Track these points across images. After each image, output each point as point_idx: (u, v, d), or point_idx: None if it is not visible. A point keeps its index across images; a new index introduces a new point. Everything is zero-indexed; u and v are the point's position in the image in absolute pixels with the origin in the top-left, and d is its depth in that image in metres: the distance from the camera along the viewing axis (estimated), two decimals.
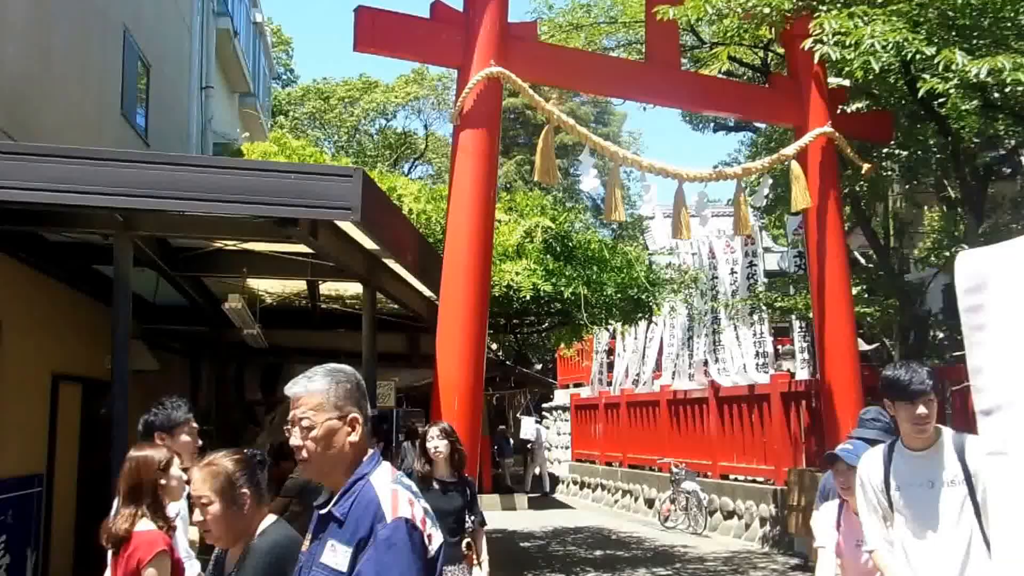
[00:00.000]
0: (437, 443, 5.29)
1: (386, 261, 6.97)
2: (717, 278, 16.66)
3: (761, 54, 11.89)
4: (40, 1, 7.92)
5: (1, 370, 6.46)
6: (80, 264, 7.57)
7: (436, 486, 5.22)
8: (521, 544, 13.29)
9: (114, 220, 5.63)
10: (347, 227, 5.72)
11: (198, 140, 13.47)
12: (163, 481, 3.51)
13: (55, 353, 7.60)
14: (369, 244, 6.30)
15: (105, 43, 9.62)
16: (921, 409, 3.41)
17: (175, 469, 3.59)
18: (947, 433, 3.50)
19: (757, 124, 13.09)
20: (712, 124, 14.61)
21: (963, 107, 7.18)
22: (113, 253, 5.77)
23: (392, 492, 2.22)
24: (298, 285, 8.77)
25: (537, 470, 20.94)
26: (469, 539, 5.27)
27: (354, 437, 2.30)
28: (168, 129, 12.06)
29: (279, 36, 32.04)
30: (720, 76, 10.42)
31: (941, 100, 8.19)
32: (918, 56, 6.87)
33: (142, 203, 5.19)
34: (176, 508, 3.67)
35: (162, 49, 11.80)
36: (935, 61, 6.77)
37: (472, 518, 5.29)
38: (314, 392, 2.32)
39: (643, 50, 9.59)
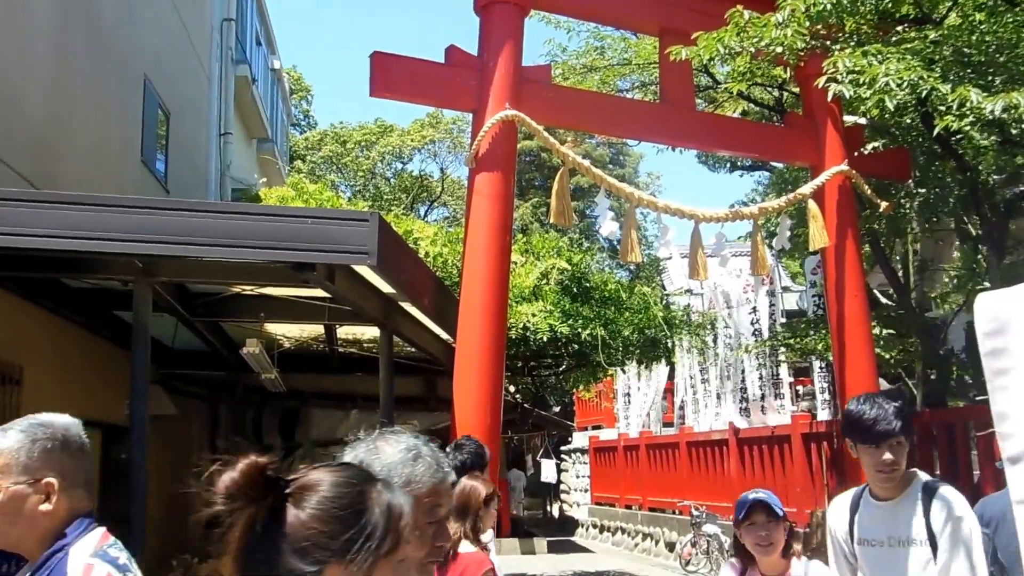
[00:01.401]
0: None
1: (403, 304, 6.97)
2: (733, 319, 16.57)
3: (776, 93, 11.94)
4: (63, 51, 8.07)
5: (22, 415, 6.47)
6: (100, 310, 7.62)
7: None
8: None
9: (134, 266, 5.67)
10: (364, 271, 5.73)
11: (217, 186, 13.62)
12: (481, 512, 4.08)
13: (75, 398, 7.61)
14: (386, 288, 6.31)
15: (126, 91, 9.78)
16: (887, 455, 2.90)
17: (493, 505, 4.23)
18: (920, 482, 2.99)
19: (774, 164, 13.09)
20: (728, 164, 14.64)
21: (981, 144, 7.16)
22: (132, 299, 5.81)
23: (86, 567, 1.95)
24: (315, 329, 8.78)
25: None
26: None
27: (46, 506, 1.97)
28: (187, 175, 12.20)
29: (298, 83, 32.53)
30: (735, 116, 10.46)
31: (958, 137, 8.18)
32: (933, 94, 6.87)
33: (161, 249, 5.24)
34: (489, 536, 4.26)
35: (182, 96, 11.99)
36: (949, 99, 6.77)
37: None
38: (2, 451, 1.96)
39: (657, 91, 9.65)
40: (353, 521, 1.14)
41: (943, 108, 7.09)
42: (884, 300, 12.29)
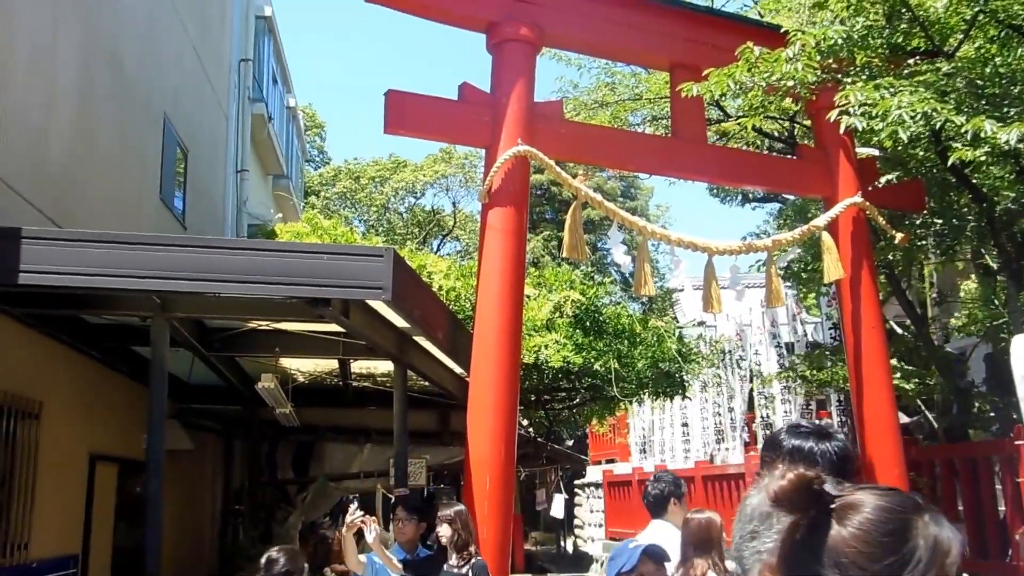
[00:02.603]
0: (441, 527, 5.50)
1: (417, 339, 7.00)
2: (752, 353, 16.50)
3: (787, 125, 11.99)
4: (87, 92, 8.22)
5: (41, 450, 6.51)
6: (118, 345, 7.68)
7: (443, 567, 5.42)
8: None
9: (152, 302, 5.74)
10: (378, 306, 5.78)
11: (233, 222, 13.75)
12: (719, 542, 4.34)
13: (93, 433, 7.66)
14: (400, 322, 6.35)
15: (146, 130, 9.93)
16: None
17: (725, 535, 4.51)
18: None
19: (786, 196, 13.11)
20: (739, 196, 14.67)
21: (997, 174, 7.15)
22: (150, 334, 5.86)
23: None
24: (330, 363, 8.81)
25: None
26: None
27: None
28: (205, 211, 12.34)
29: (313, 120, 32.90)
30: (747, 149, 10.50)
31: (973, 168, 8.17)
32: (947, 125, 6.88)
33: (179, 286, 5.30)
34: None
35: (199, 134, 12.16)
36: (964, 130, 6.78)
37: None
38: None
39: (668, 125, 9.71)
40: (895, 548, 1.15)
41: (957, 139, 7.10)
42: (901, 331, 12.22)
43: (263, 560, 4.01)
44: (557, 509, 20.05)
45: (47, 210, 7.07)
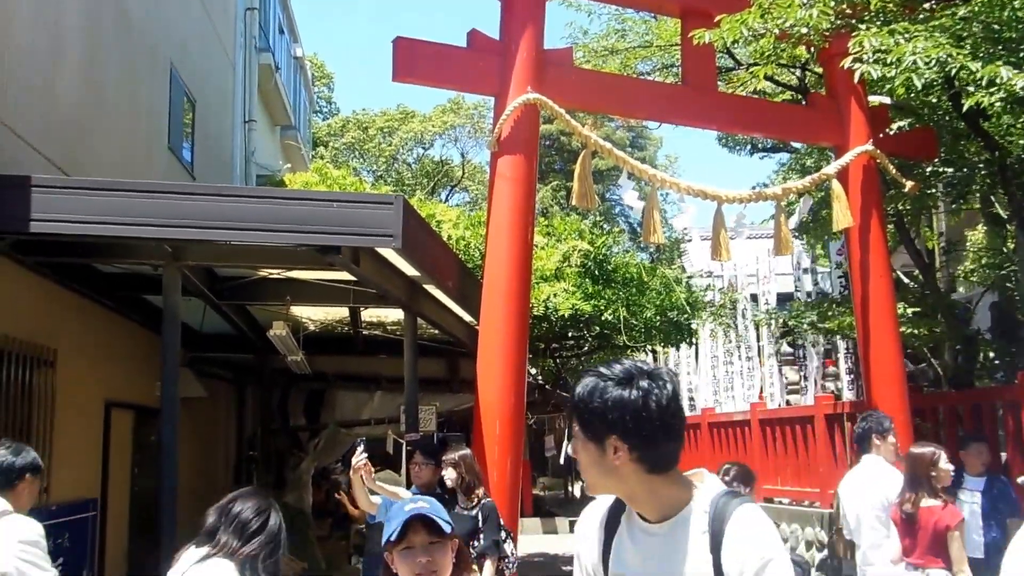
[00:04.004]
0: (446, 470, 5.65)
1: (427, 287, 7.05)
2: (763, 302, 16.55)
3: (798, 74, 11.86)
4: (94, 42, 8.18)
5: (57, 397, 6.63)
6: (130, 294, 7.75)
7: (454, 509, 5.53)
8: (564, 568, 13.19)
9: (163, 251, 5.78)
10: (388, 254, 5.81)
11: (242, 172, 13.75)
12: (933, 472, 4.84)
13: (108, 380, 7.78)
14: (410, 271, 6.39)
15: (153, 80, 9.90)
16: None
17: (942, 463, 4.94)
18: (704, 497, 1.95)
19: (795, 145, 13.02)
20: (748, 146, 14.57)
21: (1009, 123, 7.08)
22: (162, 283, 5.92)
23: None
24: (340, 312, 8.88)
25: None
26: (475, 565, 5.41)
27: None
28: (213, 162, 12.33)
29: (321, 70, 32.63)
30: (757, 97, 10.40)
31: (986, 116, 8.09)
32: (962, 71, 6.80)
33: (190, 234, 5.34)
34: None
35: (207, 85, 12.10)
36: (979, 76, 6.70)
37: (477, 544, 5.43)
38: None
39: (679, 73, 9.62)
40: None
41: (972, 86, 7.02)
42: (908, 282, 12.23)
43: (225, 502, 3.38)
44: (565, 455, 20.33)
45: (56, 159, 7.09)
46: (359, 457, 5.27)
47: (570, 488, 21.45)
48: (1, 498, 3.68)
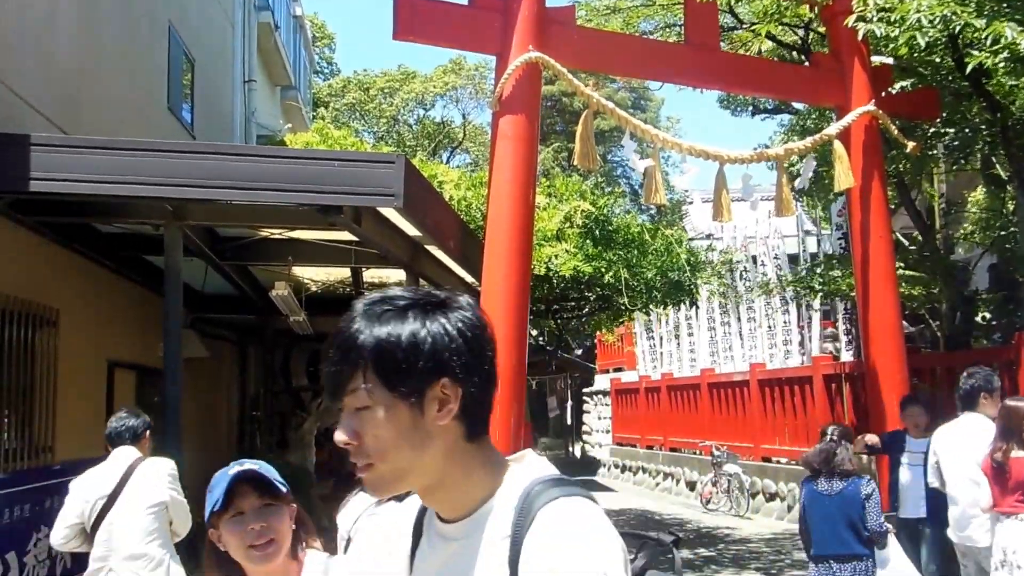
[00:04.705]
0: None
1: (428, 248, 7.06)
2: (760, 264, 16.56)
3: (801, 33, 11.75)
4: (91, 0, 8.10)
5: (60, 357, 6.67)
6: (131, 254, 7.77)
7: None
8: None
9: (164, 210, 5.78)
10: (390, 213, 5.81)
11: (242, 132, 13.69)
12: None
13: (110, 341, 7.82)
14: (411, 231, 6.39)
15: (152, 40, 9.82)
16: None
17: None
18: (516, 485, 1.35)
19: (796, 106, 12.95)
20: (751, 108, 14.48)
21: (1011, 83, 7.05)
22: (163, 243, 5.93)
23: None
24: (342, 273, 8.90)
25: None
26: None
27: None
28: (213, 122, 12.27)
29: (321, 31, 32.34)
30: (760, 57, 10.33)
31: (989, 76, 8.03)
32: (967, 30, 6.75)
33: (191, 193, 5.34)
34: None
35: (206, 44, 12.00)
36: (983, 35, 6.65)
37: None
38: None
39: (681, 32, 9.54)
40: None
41: (975, 46, 6.98)
42: (907, 243, 12.24)
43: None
44: (566, 416, 20.51)
45: (55, 118, 7.06)
46: None
47: (571, 449, 21.65)
48: (133, 447, 4.77)
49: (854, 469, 5.44)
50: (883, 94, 8.67)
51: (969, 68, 7.34)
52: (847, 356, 14.24)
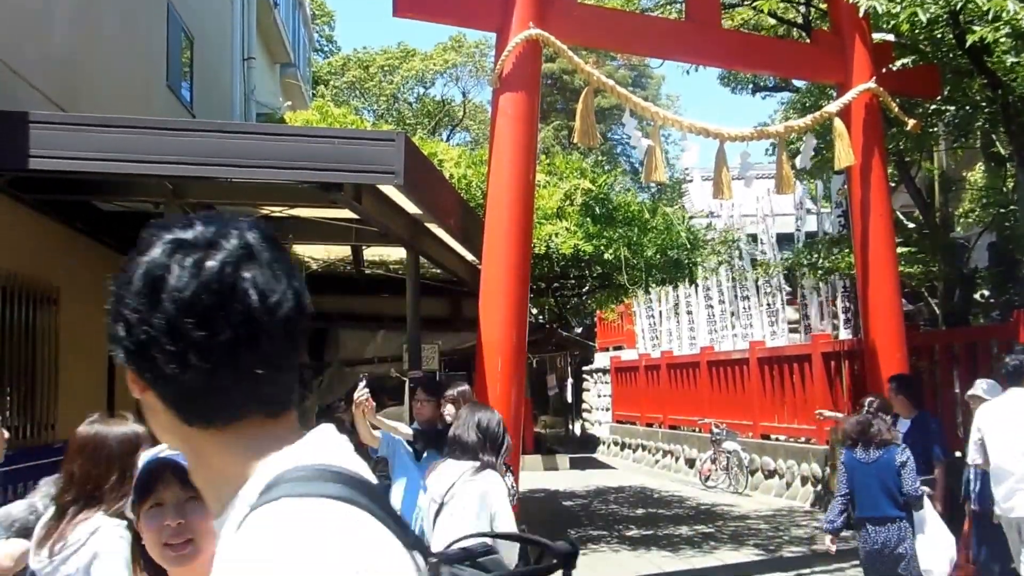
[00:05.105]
0: (446, 406, 5.72)
1: (429, 226, 7.07)
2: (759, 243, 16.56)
3: (803, 9, 11.70)
4: None
5: (61, 335, 6.70)
6: (131, 232, 7.75)
7: None
8: (564, 503, 13.47)
9: (164, 188, 5.79)
10: (390, 191, 5.82)
11: (242, 110, 13.65)
12: None
13: None
14: (412, 208, 6.40)
15: (151, 17, 9.77)
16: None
17: None
18: (259, 479, 0.97)
19: (797, 84, 12.90)
20: (751, 85, 14.43)
21: (1011, 59, 7.03)
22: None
23: None
24: (343, 251, 8.92)
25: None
26: None
27: None
28: (212, 100, 12.23)
29: (321, 8, 32.15)
30: (760, 34, 10.29)
31: (990, 52, 8.00)
32: (969, 5, 6.72)
33: (191, 171, 5.34)
34: None
35: (205, 22, 11.94)
36: (985, 9, 6.63)
37: None
38: None
39: (682, 9, 9.49)
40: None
41: (977, 21, 6.95)
42: (906, 222, 12.24)
43: None
44: (566, 394, 20.58)
45: (54, 97, 7.04)
46: (361, 392, 5.36)
47: (570, 426, 21.75)
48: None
49: (891, 438, 5.61)
50: (884, 71, 8.64)
51: (969, 42, 7.32)
52: (845, 334, 14.28)
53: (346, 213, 6.26)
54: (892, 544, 5.37)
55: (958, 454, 7.42)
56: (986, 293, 11.67)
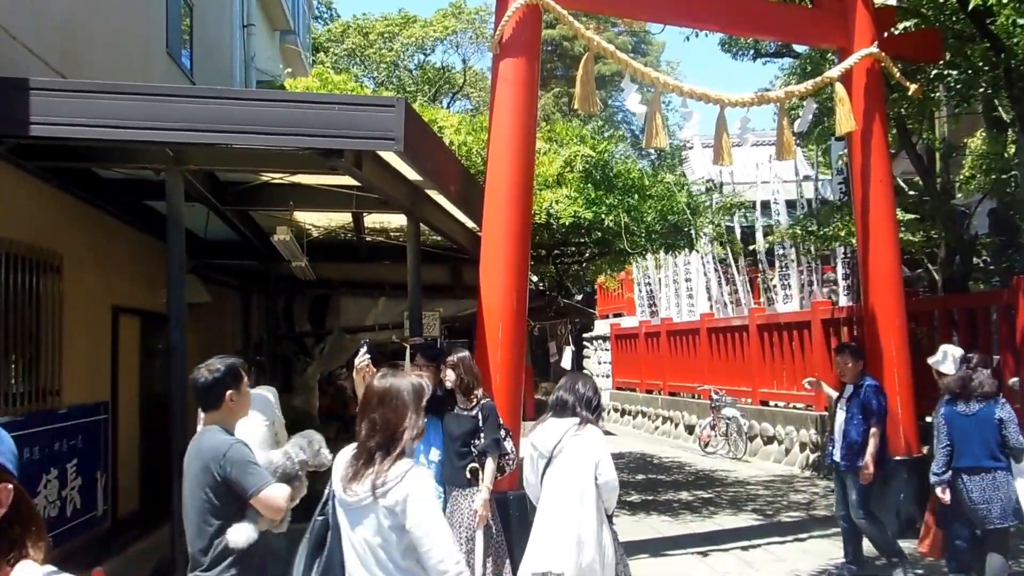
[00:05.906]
0: (446, 372, 5.83)
1: (429, 192, 7.07)
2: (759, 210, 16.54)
3: None
4: None
5: (64, 302, 6.73)
6: (133, 200, 7.78)
7: (454, 410, 5.82)
8: None
9: (164, 155, 5.78)
10: (390, 158, 5.82)
11: (242, 77, 13.59)
12: None
13: (114, 286, 7.88)
14: (412, 175, 6.41)
15: None
16: None
17: None
18: None
19: (798, 50, 12.82)
20: (752, 51, 14.34)
21: (1016, 19, 6.98)
22: (165, 188, 5.94)
23: None
24: (343, 218, 8.92)
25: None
26: (475, 464, 5.59)
27: None
28: (213, 67, 12.17)
29: None
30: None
31: (993, 15, 7.96)
32: None
33: (192, 137, 5.33)
34: None
35: None
36: None
37: (478, 443, 5.62)
38: None
39: None
40: None
41: None
42: (906, 188, 12.22)
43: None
44: (566, 361, 20.67)
45: (53, 63, 7.01)
46: (361, 358, 5.40)
47: None
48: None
49: (992, 391, 5.77)
50: (885, 35, 8.60)
51: (972, 5, 7.27)
52: (845, 301, 14.32)
53: (347, 180, 6.27)
54: (988, 493, 5.54)
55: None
56: (986, 259, 11.68)
